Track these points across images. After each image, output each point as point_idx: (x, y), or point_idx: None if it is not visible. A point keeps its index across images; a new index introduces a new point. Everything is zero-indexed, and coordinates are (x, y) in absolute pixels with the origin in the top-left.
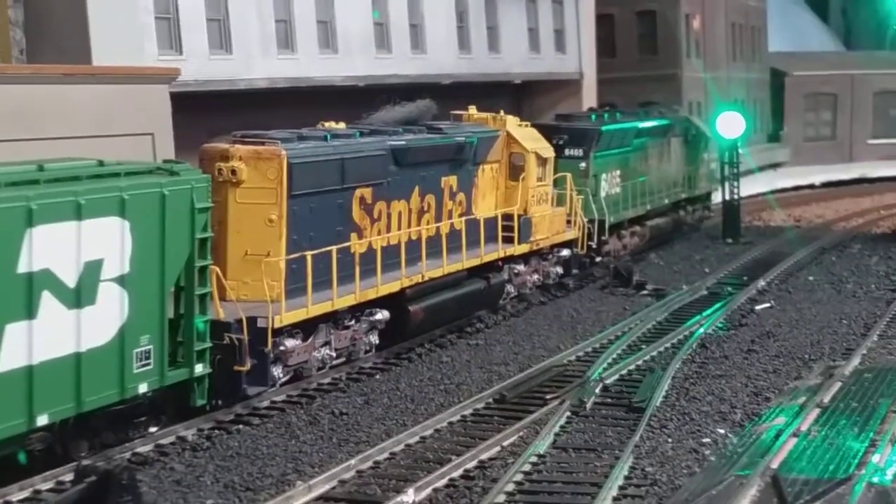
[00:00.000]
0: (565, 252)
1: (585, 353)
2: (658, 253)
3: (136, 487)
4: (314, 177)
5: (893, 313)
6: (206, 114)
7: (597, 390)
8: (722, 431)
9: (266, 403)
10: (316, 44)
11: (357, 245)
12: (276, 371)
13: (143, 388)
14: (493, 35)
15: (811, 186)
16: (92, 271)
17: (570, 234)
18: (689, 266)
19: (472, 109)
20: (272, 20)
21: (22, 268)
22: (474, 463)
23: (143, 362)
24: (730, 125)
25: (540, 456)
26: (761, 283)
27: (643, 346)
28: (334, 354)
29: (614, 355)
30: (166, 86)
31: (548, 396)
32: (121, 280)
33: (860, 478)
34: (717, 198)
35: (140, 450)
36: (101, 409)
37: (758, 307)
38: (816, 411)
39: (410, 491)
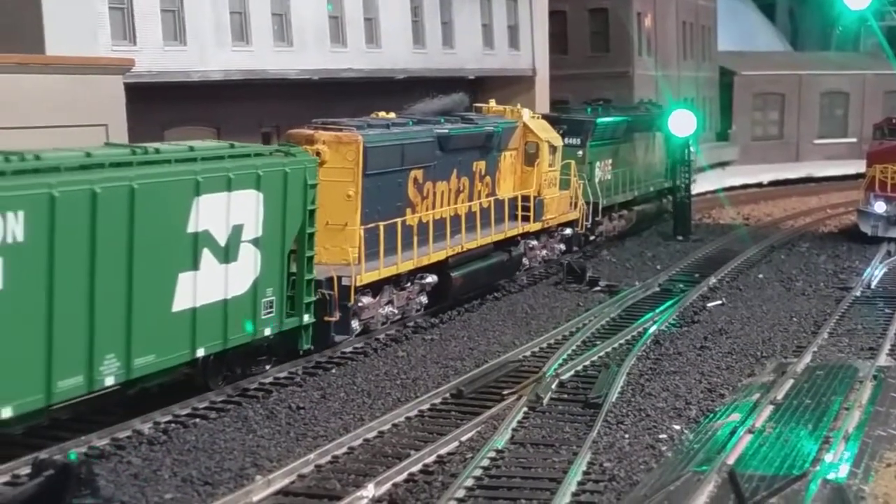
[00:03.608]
0: (568, 231)
1: (541, 349)
2: (610, 250)
3: (93, 481)
4: (382, 159)
5: (843, 311)
6: (159, 105)
7: (553, 386)
8: (678, 427)
9: (223, 398)
10: (271, 36)
11: (411, 218)
12: (355, 323)
13: (267, 331)
14: (447, 30)
15: (759, 185)
16: (236, 234)
17: (573, 215)
18: (641, 263)
19: (492, 103)
20: (227, 11)
21: (191, 228)
22: (433, 458)
23: (269, 310)
24: (682, 123)
25: (498, 451)
26: (712, 280)
27: (598, 343)
28: (396, 311)
29: (569, 351)
30: (120, 76)
31: (505, 392)
32: (256, 242)
33: (815, 474)
34: (695, 188)
35: (97, 443)
36: (237, 347)
37: (709, 304)
38: (770, 408)
39: (370, 486)
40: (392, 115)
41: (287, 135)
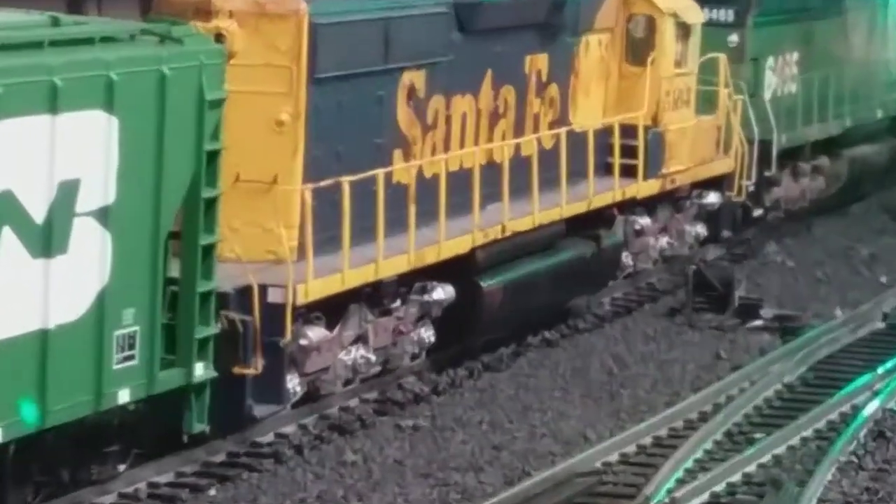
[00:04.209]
0: (713, 197)
1: (639, 449)
2: (785, 242)
3: None
4: (347, 49)
5: None
6: None
7: None
8: None
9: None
10: None
11: (402, 170)
12: (293, 381)
13: (124, 395)
14: None
15: None
16: (66, 199)
17: (724, 166)
18: (846, 270)
19: None
20: None
21: None
22: None
23: (126, 354)
24: None
25: None
26: None
27: (756, 436)
28: (373, 358)
29: (699, 454)
30: None
31: None
32: (103, 215)
33: None
34: None
35: None
36: (64, 429)
37: None
38: None
39: None
40: None
41: (157, 2)
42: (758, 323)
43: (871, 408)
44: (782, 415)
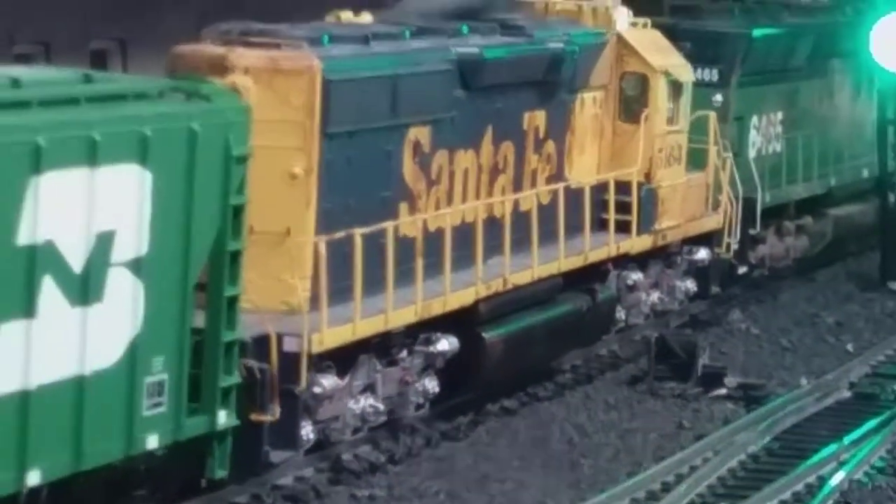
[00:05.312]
0: (702, 253)
1: None
2: (750, 311)
3: None
4: (358, 105)
5: None
6: None
7: None
8: None
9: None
10: None
11: (409, 223)
12: (306, 428)
13: (153, 441)
14: None
15: None
16: (103, 249)
17: (713, 222)
18: (812, 338)
19: None
20: None
21: (22, 238)
22: None
23: (156, 401)
24: None
25: None
26: None
27: None
28: (381, 407)
29: None
30: None
31: None
32: (136, 266)
33: None
34: None
35: None
36: (95, 473)
37: None
38: None
39: None
40: (367, 16)
41: (174, 55)
42: (721, 392)
43: (838, 478)
44: (746, 486)
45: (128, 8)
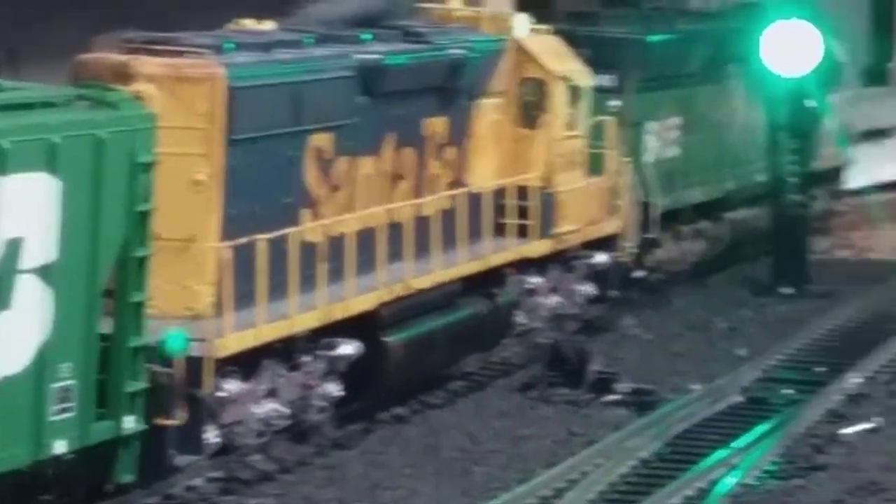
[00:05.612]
0: (601, 258)
1: None
2: (643, 316)
3: None
4: (262, 112)
5: None
6: None
7: None
8: None
9: None
10: None
11: (311, 229)
12: (211, 433)
13: (60, 446)
14: None
15: None
16: (11, 257)
17: (612, 226)
18: (704, 343)
19: (455, 1)
20: None
21: None
22: None
23: (64, 406)
24: (790, 49)
25: None
26: (854, 380)
27: None
28: (286, 410)
29: None
30: None
31: None
32: (44, 273)
33: None
34: (854, 178)
35: None
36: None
37: (848, 430)
38: None
39: None
40: (269, 24)
41: (77, 63)
42: (613, 397)
43: (729, 483)
44: (638, 491)
45: (16, 18)
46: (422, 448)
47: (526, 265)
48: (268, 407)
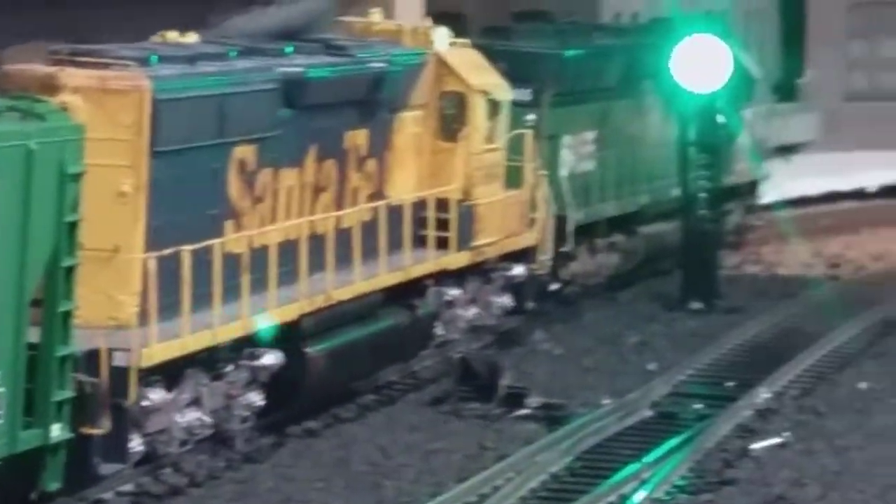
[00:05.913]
0: (518, 269)
1: None
2: (554, 330)
3: None
4: (186, 124)
5: None
6: None
7: None
8: None
9: None
10: None
11: (235, 240)
12: (135, 441)
13: None
14: None
15: (860, 194)
16: None
17: (530, 238)
18: (615, 358)
19: (376, 14)
20: None
21: None
22: None
23: None
24: (701, 65)
25: None
26: (763, 394)
27: None
28: (208, 420)
29: None
30: None
31: None
32: None
33: None
34: (771, 192)
35: None
36: None
37: (757, 445)
38: None
39: None
40: (193, 36)
41: (3, 74)
42: (524, 412)
43: (639, 497)
44: None
45: None
46: (333, 462)
47: (445, 277)
48: (191, 416)
